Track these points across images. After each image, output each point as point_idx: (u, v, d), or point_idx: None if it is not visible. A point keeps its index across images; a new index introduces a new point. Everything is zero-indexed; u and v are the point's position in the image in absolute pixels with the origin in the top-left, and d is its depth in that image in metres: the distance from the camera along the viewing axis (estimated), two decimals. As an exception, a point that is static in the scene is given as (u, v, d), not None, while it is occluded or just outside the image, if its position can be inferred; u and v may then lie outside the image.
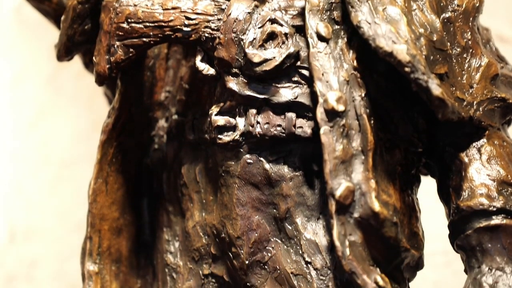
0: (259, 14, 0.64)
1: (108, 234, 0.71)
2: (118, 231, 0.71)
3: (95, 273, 0.70)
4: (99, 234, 0.70)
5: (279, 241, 0.64)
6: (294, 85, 0.63)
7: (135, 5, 0.66)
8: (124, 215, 0.72)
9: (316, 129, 0.61)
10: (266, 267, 0.64)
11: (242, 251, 0.64)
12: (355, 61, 0.61)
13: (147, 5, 0.66)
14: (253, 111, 0.64)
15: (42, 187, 1.18)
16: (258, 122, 0.63)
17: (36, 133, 1.19)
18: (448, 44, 0.63)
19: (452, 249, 0.65)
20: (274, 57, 0.63)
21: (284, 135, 0.63)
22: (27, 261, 1.17)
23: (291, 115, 0.63)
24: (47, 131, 1.19)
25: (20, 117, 1.20)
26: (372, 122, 0.60)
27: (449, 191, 0.64)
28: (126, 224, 0.72)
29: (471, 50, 0.64)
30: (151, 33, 0.65)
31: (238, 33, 0.64)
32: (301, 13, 0.63)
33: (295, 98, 0.63)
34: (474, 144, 0.63)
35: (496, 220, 0.61)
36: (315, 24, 0.62)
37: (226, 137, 0.64)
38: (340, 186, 0.58)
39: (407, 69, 0.58)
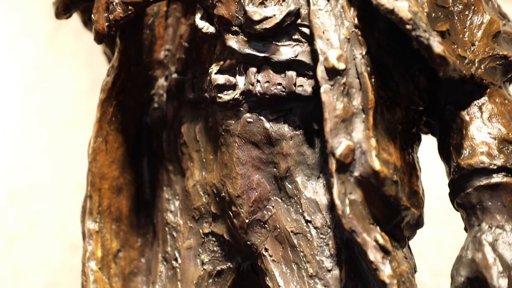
0: (259, -30, 0.63)
1: (108, 193, 0.71)
2: (118, 190, 0.71)
3: (95, 232, 0.70)
4: (99, 193, 0.70)
5: (279, 200, 0.64)
6: (294, 43, 0.62)
7: (134, -38, 0.65)
8: (124, 174, 0.72)
9: (316, 87, 0.61)
10: (266, 225, 0.64)
11: (242, 210, 0.64)
12: (356, 19, 0.61)
13: (146, -38, 0.65)
14: (253, 69, 0.63)
15: (41, 146, 1.18)
16: (258, 81, 0.63)
17: (35, 92, 1.19)
18: (450, 1, 0.62)
19: (452, 208, 0.65)
20: (274, 15, 0.62)
21: (284, 93, 0.63)
22: (28, 221, 1.17)
23: (291, 73, 0.62)
24: (46, 90, 1.19)
25: (19, 76, 1.19)
26: (372, 80, 0.60)
27: (449, 150, 0.64)
28: (126, 183, 0.72)
29: (473, 7, 0.63)
30: (150, -10, 0.65)
31: (238, -10, 0.63)
32: (302, -30, 0.63)
33: (296, 56, 0.62)
34: (475, 102, 0.63)
35: (497, 178, 0.61)
36: (316, -20, 0.61)
37: (226, 96, 0.64)
38: (340, 145, 0.58)
39: (408, 26, 0.57)
